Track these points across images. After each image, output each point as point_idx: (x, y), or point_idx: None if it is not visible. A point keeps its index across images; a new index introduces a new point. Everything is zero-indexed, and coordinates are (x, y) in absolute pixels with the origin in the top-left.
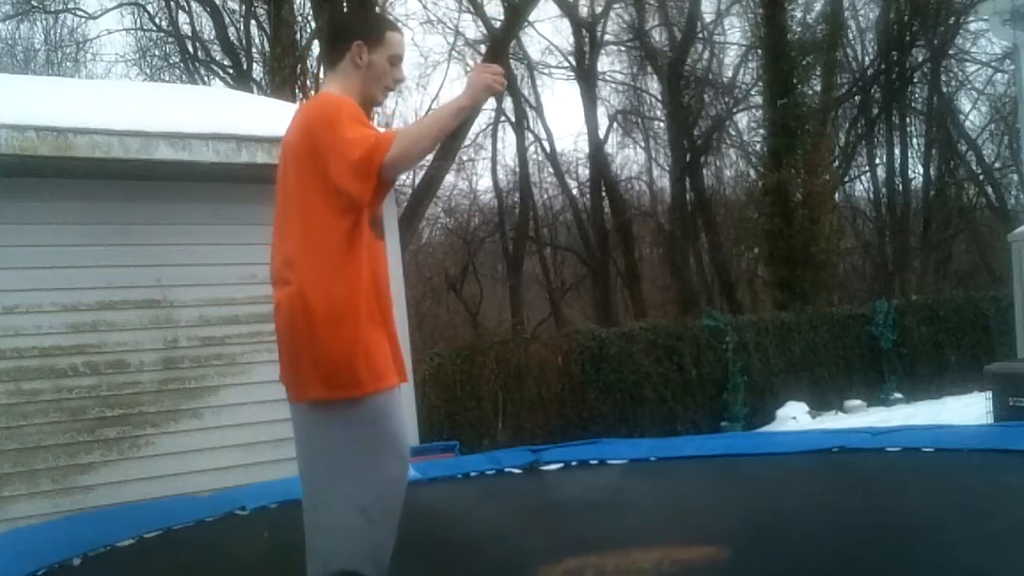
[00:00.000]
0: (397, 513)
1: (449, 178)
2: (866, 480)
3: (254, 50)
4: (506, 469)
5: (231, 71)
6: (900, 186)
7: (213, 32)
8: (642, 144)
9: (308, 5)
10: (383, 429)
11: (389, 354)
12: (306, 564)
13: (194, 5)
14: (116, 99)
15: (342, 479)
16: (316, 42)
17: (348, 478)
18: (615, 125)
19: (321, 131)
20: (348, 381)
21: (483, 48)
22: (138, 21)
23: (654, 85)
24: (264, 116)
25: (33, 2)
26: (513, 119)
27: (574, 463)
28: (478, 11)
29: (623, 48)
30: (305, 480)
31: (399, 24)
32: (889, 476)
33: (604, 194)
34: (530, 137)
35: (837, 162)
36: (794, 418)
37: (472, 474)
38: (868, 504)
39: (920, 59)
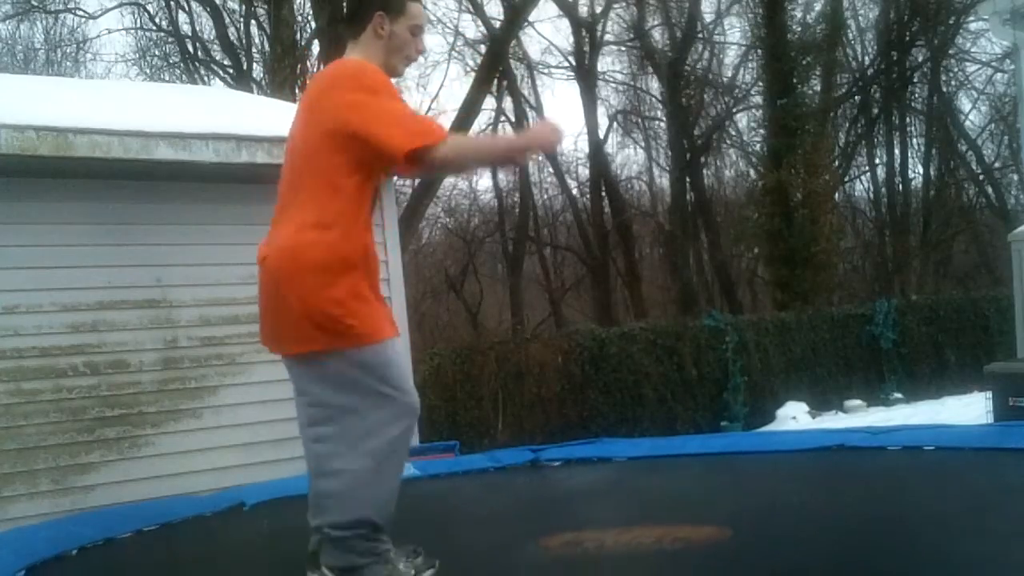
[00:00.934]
0: (403, 463)
1: (449, 178)
2: (865, 477)
3: (254, 50)
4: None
5: (231, 71)
6: (900, 186)
7: (213, 32)
8: (642, 144)
9: (308, 5)
10: (384, 378)
11: (381, 307)
12: (309, 519)
13: (194, 5)
14: (116, 99)
15: (348, 427)
16: (316, 42)
17: (354, 425)
18: (615, 125)
19: (353, 89)
20: (345, 330)
21: (483, 48)
22: (138, 21)
23: (654, 85)
24: (264, 116)
25: (33, 2)
26: (513, 119)
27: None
28: (478, 11)
29: (623, 48)
30: (310, 435)
31: None
32: (888, 474)
33: (604, 194)
34: None
35: (837, 162)
36: (794, 418)
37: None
38: (867, 501)
39: (920, 59)
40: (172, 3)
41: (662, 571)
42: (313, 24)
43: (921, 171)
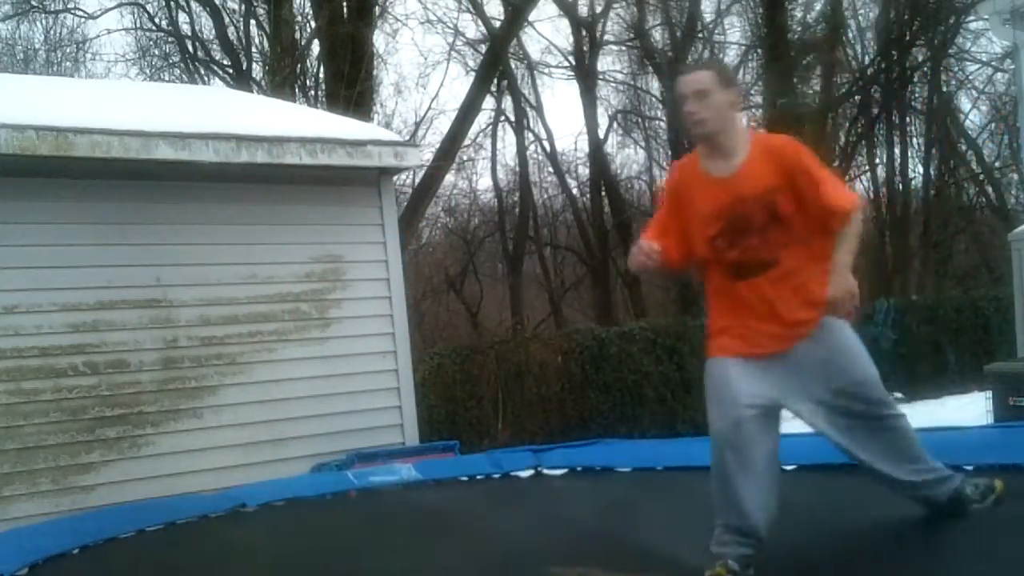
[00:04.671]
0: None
1: (449, 178)
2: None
3: (254, 50)
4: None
5: (231, 71)
6: (900, 186)
7: (213, 32)
8: (642, 144)
9: (308, 5)
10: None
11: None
12: None
13: (194, 5)
14: (116, 99)
15: None
16: (316, 42)
17: None
18: (615, 125)
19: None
20: None
21: (483, 48)
22: (138, 21)
23: (654, 85)
24: (264, 116)
25: (33, 2)
26: (513, 119)
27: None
28: (478, 11)
29: (623, 48)
30: None
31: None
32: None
33: (604, 194)
34: (530, 137)
35: (837, 162)
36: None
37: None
38: (866, 507)
39: (920, 59)
40: (172, 3)
41: None
42: (313, 24)
43: (921, 171)
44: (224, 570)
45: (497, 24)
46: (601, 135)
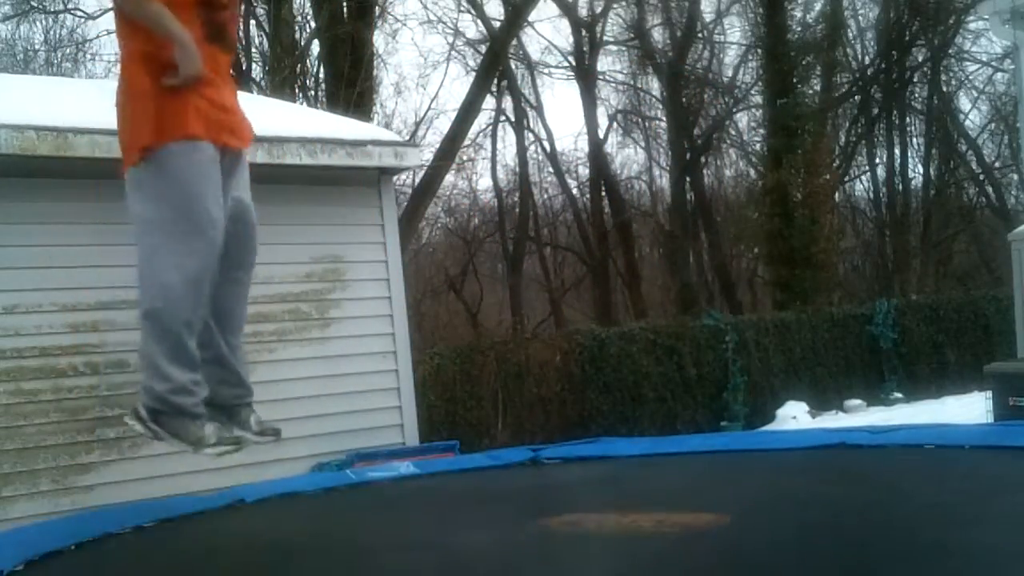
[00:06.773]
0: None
1: (449, 178)
2: (865, 473)
3: (254, 50)
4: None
5: (231, 71)
6: (900, 186)
7: None
8: (642, 144)
9: (308, 5)
10: (176, 186)
11: (193, 111)
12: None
13: None
14: None
15: (150, 241)
16: (316, 42)
17: (154, 239)
18: (615, 125)
19: None
20: (141, 136)
21: (483, 48)
22: None
23: (654, 85)
24: (264, 116)
25: (33, 2)
26: (513, 119)
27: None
28: (478, 11)
29: (623, 48)
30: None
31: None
32: (888, 469)
33: (604, 194)
34: (530, 137)
35: (837, 162)
36: (794, 418)
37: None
38: (867, 494)
39: (920, 59)
40: None
41: (662, 552)
42: (313, 24)
43: (921, 171)
44: (223, 565)
45: (497, 24)
46: (601, 135)
